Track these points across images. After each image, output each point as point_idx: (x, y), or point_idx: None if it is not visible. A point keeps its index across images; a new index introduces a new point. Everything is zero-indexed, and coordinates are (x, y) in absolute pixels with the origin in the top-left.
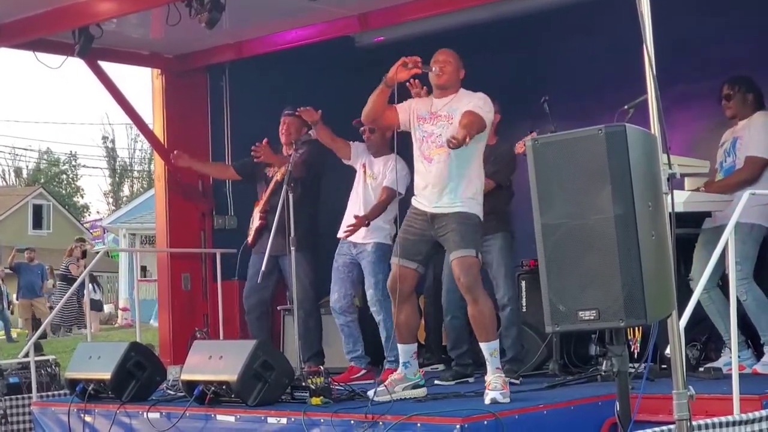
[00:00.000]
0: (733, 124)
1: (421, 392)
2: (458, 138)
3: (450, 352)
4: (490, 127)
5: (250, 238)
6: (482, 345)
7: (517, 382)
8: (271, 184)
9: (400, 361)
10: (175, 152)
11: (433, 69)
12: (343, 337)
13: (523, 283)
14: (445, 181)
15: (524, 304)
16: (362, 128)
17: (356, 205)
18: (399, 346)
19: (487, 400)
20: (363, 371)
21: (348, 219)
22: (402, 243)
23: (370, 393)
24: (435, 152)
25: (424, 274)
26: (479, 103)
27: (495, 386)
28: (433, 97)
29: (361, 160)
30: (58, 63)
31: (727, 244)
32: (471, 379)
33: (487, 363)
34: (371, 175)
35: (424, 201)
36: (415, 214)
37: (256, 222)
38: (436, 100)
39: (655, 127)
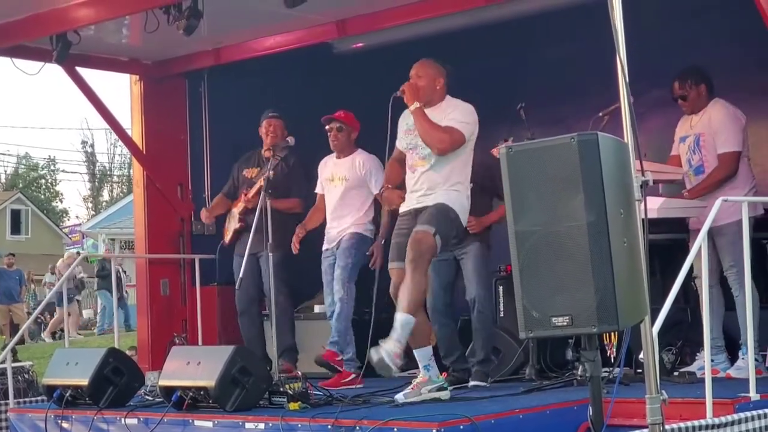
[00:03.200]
0: (686, 112)
1: (446, 394)
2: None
3: (444, 360)
4: (472, 140)
5: (227, 238)
6: (397, 314)
7: (486, 384)
8: (255, 187)
9: (420, 365)
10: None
11: (398, 93)
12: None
13: (501, 288)
14: (426, 190)
15: (501, 309)
16: (329, 126)
17: (335, 211)
18: (414, 351)
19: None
20: (352, 375)
21: (330, 227)
22: (395, 246)
23: (399, 396)
24: (418, 163)
25: None
26: (458, 117)
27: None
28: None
29: (324, 175)
30: (35, 69)
31: (700, 251)
32: (469, 384)
33: (393, 330)
34: (342, 178)
35: (408, 203)
36: (401, 216)
37: (235, 223)
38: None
39: (627, 134)
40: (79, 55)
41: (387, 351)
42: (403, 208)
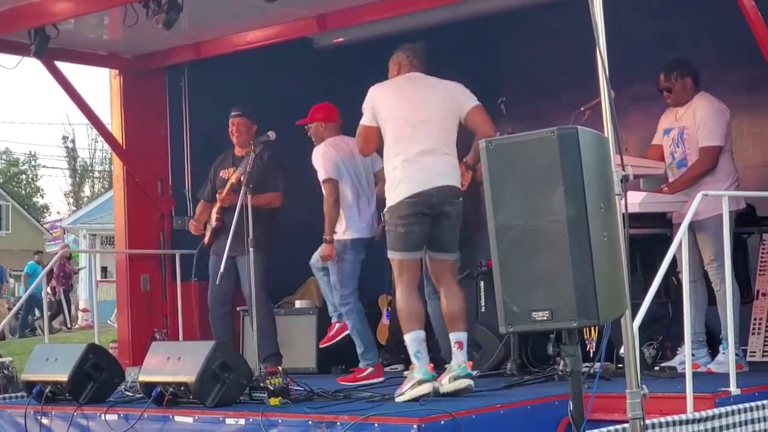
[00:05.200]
0: (671, 104)
1: (463, 383)
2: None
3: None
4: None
5: (206, 239)
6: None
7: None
8: (227, 187)
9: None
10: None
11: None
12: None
13: (482, 284)
14: None
15: (483, 303)
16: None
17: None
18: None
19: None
20: (370, 369)
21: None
22: None
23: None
24: None
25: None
26: None
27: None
28: None
29: None
30: (13, 63)
31: (680, 246)
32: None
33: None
34: None
35: None
36: None
37: (212, 223)
38: None
39: (607, 128)
40: (58, 49)
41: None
42: None
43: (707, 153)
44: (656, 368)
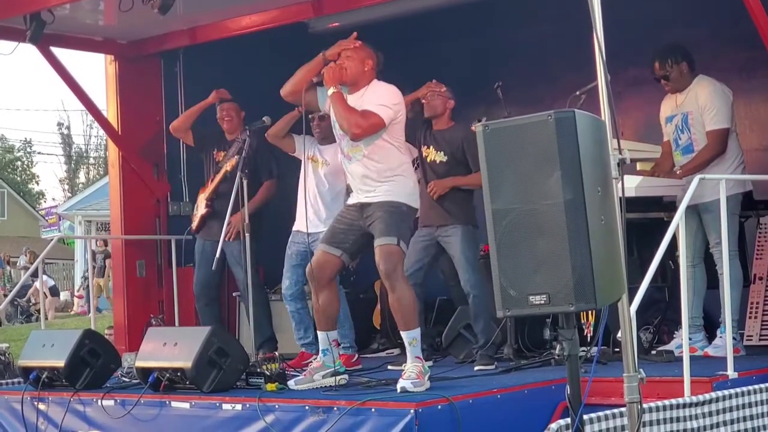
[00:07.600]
0: (670, 91)
1: (341, 379)
2: None
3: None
4: (400, 121)
5: (194, 225)
6: (402, 333)
7: (492, 367)
8: (221, 173)
9: (320, 348)
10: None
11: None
12: (294, 324)
13: None
14: (367, 177)
15: None
16: (311, 115)
17: (309, 195)
18: (318, 333)
19: (398, 389)
20: (314, 356)
21: (302, 211)
22: (331, 230)
23: (291, 382)
24: (352, 151)
25: (347, 264)
26: (376, 99)
27: (409, 375)
28: (347, 93)
29: (308, 151)
30: (9, 49)
31: (677, 230)
32: (474, 368)
33: (407, 351)
34: (323, 163)
35: (354, 195)
36: (347, 207)
37: (201, 209)
38: (349, 97)
39: (604, 112)
40: (54, 34)
41: (407, 379)
42: (350, 200)
43: (716, 136)
44: (653, 352)
